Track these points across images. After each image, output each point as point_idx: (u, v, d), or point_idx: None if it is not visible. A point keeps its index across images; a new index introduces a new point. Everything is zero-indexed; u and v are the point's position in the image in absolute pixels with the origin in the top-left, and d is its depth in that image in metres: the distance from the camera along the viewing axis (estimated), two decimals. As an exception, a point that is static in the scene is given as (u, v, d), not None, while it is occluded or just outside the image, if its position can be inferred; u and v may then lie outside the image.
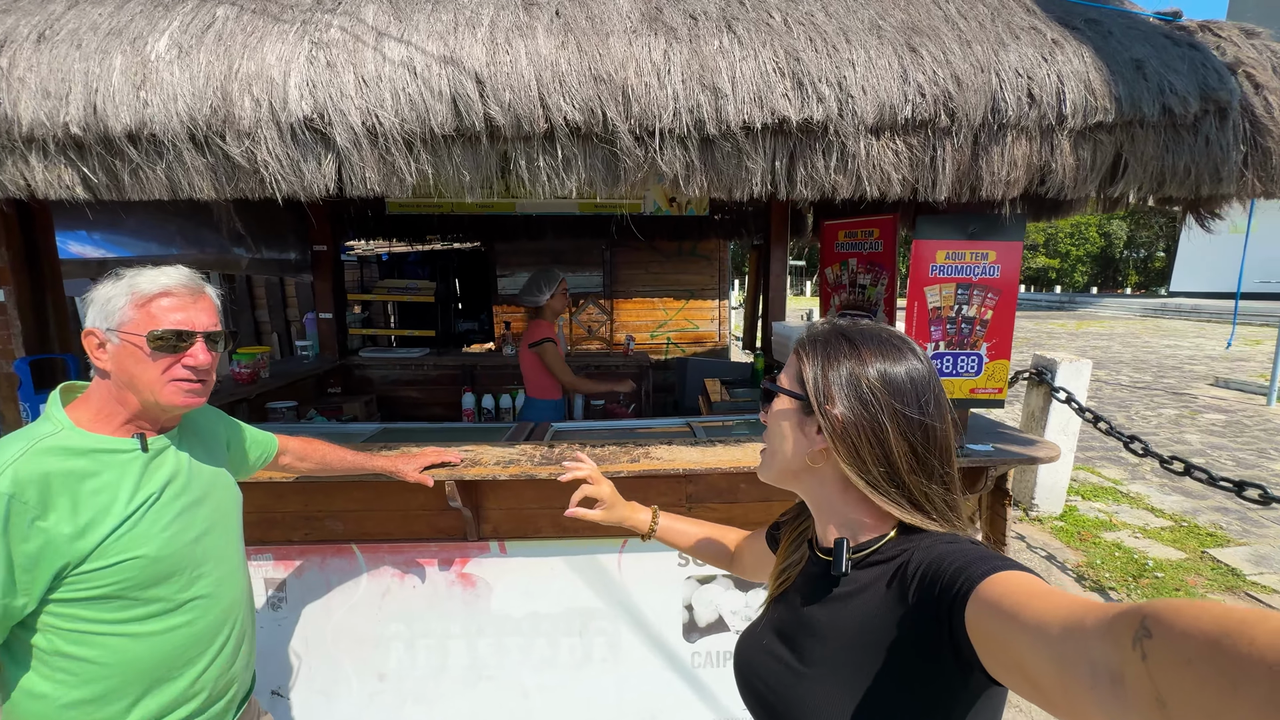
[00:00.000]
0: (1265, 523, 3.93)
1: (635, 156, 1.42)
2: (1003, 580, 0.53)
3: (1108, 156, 1.46)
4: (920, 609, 0.60)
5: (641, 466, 1.83)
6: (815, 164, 1.43)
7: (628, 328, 5.62)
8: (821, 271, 2.64)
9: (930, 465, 0.68)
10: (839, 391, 0.68)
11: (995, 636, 0.50)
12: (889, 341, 0.70)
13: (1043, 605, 0.47)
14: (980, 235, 1.98)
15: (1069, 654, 0.42)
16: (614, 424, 2.91)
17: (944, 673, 0.57)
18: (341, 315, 4.13)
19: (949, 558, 0.60)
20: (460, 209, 4.02)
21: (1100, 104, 1.40)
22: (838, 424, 0.68)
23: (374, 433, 2.75)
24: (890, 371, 0.68)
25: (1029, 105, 1.40)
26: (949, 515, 0.69)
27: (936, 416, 0.68)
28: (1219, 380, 8.11)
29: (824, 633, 0.69)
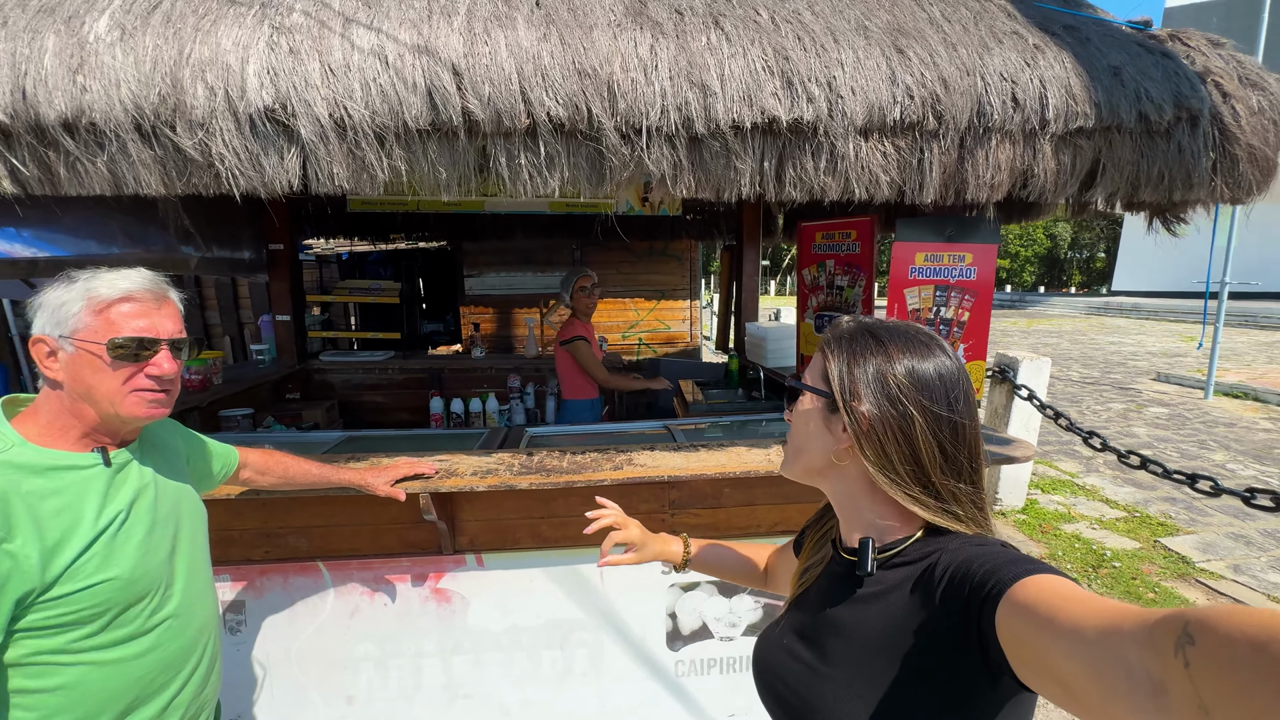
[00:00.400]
0: (1210, 511, 4.14)
1: (621, 155, 1.37)
2: (1035, 584, 0.51)
3: (1086, 161, 1.48)
4: (948, 611, 0.58)
5: (626, 474, 1.78)
6: (804, 165, 1.40)
7: (600, 328, 5.55)
8: (799, 273, 2.64)
9: (959, 464, 0.66)
10: (865, 388, 0.66)
11: (1027, 641, 0.49)
12: (917, 337, 0.69)
13: (1078, 610, 0.45)
14: (957, 238, 2.00)
15: (1106, 660, 0.40)
16: (591, 428, 2.85)
17: (971, 676, 0.56)
18: (300, 317, 3.94)
19: (978, 560, 0.58)
20: (426, 207, 3.89)
21: (1081, 109, 1.41)
22: (864, 421, 0.66)
23: (338, 441, 2.63)
24: (918, 368, 0.66)
25: (1013, 109, 1.41)
26: (977, 516, 0.67)
27: (966, 414, 0.66)
28: (1160, 375, 8.55)
29: (847, 633, 0.68)
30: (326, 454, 2.48)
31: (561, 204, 4.01)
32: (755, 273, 4.19)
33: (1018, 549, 0.62)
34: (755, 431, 2.83)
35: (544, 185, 1.39)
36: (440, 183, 1.37)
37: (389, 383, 4.19)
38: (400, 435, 2.74)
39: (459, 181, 1.38)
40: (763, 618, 2.12)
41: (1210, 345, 7.17)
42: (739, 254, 4.19)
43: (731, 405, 3.27)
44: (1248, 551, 3.61)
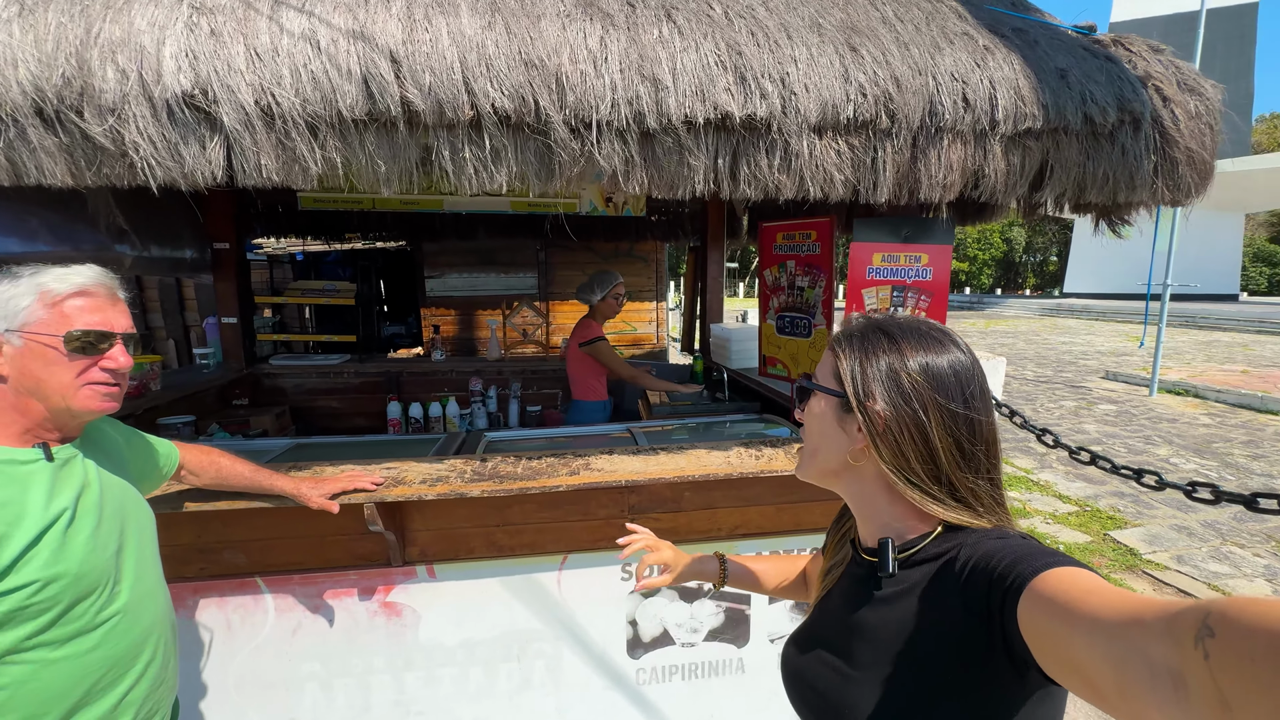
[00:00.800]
0: (1155, 505, 4.30)
1: (571, 149, 1.32)
2: (1056, 577, 0.50)
3: (1035, 162, 1.50)
4: (969, 607, 0.58)
5: (582, 479, 1.73)
6: (759, 162, 1.38)
7: (564, 330, 5.48)
8: (760, 274, 2.63)
9: (976, 460, 0.65)
10: (879, 387, 0.66)
11: (1049, 634, 0.48)
12: (929, 334, 0.68)
13: (1099, 602, 0.45)
14: (914, 238, 2.01)
15: (1127, 654, 0.40)
16: (550, 432, 2.79)
17: (996, 672, 0.55)
18: (248, 319, 3.77)
19: (998, 554, 0.58)
20: (383, 205, 3.77)
21: (1029, 110, 1.43)
22: (879, 420, 0.65)
23: (285, 449, 2.51)
24: (933, 364, 0.65)
25: (964, 109, 1.41)
26: (996, 511, 0.66)
27: (982, 410, 0.66)
28: (1109, 374, 8.90)
29: (871, 635, 0.68)
30: (271, 462, 2.37)
31: (523, 203, 3.94)
32: (720, 274, 4.19)
33: (1038, 541, 0.61)
34: (719, 433, 2.81)
35: (490, 180, 1.33)
36: (380, 176, 1.30)
37: (344, 387, 4.04)
38: (351, 442, 2.63)
39: (400, 176, 1.32)
40: (724, 622, 2.09)
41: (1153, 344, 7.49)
42: (703, 255, 4.18)
43: (696, 407, 3.25)
44: (1190, 542, 3.76)
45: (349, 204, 3.71)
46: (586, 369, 3.24)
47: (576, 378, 3.29)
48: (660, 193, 1.39)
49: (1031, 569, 0.53)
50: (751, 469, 1.83)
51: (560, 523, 1.95)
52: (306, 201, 3.67)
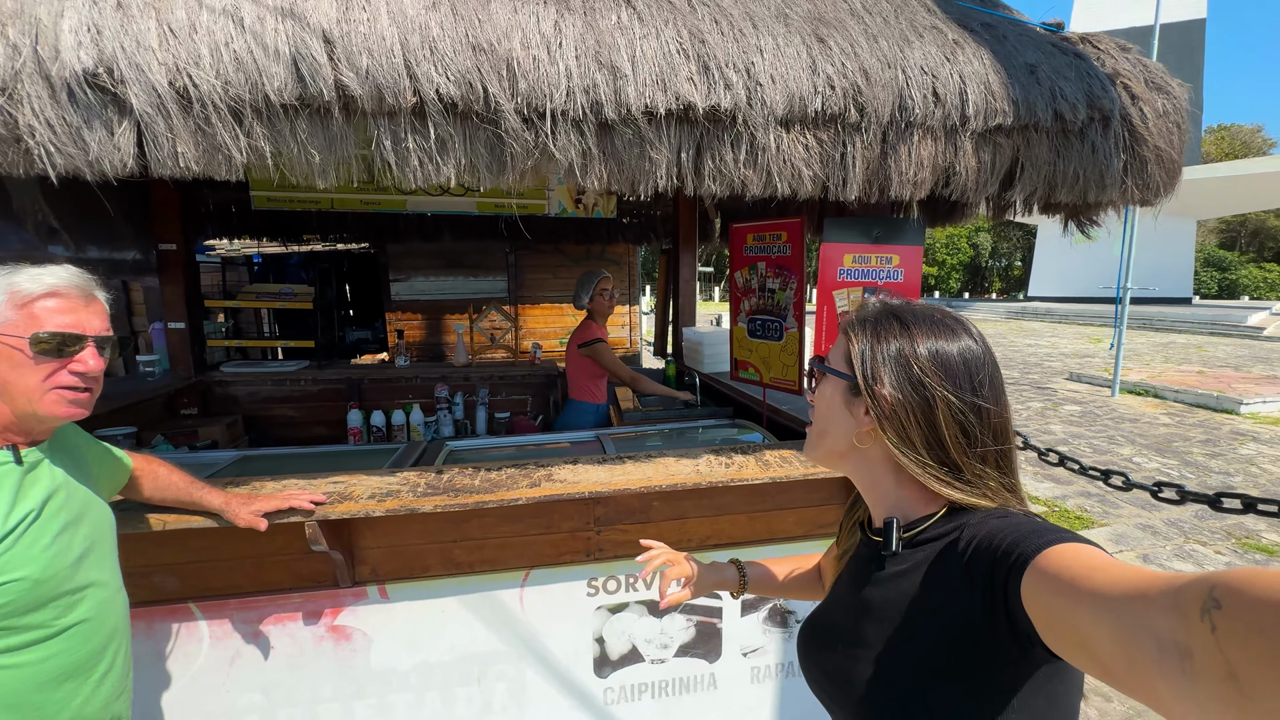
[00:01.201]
0: (1120, 504, 4.37)
1: (524, 140, 1.23)
2: (1060, 553, 0.50)
3: (1006, 160, 1.46)
4: (972, 585, 0.58)
5: (543, 492, 1.63)
6: (724, 156, 1.31)
7: (534, 335, 5.37)
8: (731, 275, 2.57)
9: (983, 446, 0.65)
10: (888, 371, 0.66)
11: (1054, 610, 0.48)
12: (941, 321, 0.69)
13: (1104, 578, 0.45)
14: (884, 239, 1.97)
15: (1132, 627, 0.40)
16: (517, 440, 2.69)
17: (999, 648, 0.55)
18: (197, 324, 3.58)
19: (1001, 532, 0.58)
20: (342, 205, 3.62)
21: (1000, 106, 1.39)
22: (886, 404, 0.66)
23: (231, 461, 2.37)
24: (942, 350, 0.66)
25: (934, 104, 1.37)
26: (1004, 495, 0.66)
27: (990, 398, 0.66)
28: (1073, 375, 9.11)
29: (876, 613, 0.68)
30: (213, 476, 2.22)
31: (490, 204, 3.83)
32: (692, 277, 4.13)
33: (1043, 519, 0.61)
34: (691, 439, 2.74)
35: (436, 173, 1.24)
36: (314, 168, 1.20)
37: (302, 395, 3.87)
38: (303, 453, 2.49)
39: (337, 167, 1.21)
40: (695, 637, 2.01)
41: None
42: (675, 258, 4.12)
43: (668, 411, 3.18)
44: (1155, 541, 3.81)
45: (306, 204, 3.56)
46: (584, 370, 3.22)
47: (574, 378, 3.28)
48: (621, 188, 1.31)
49: (1035, 546, 0.52)
50: (721, 478, 1.76)
51: (522, 537, 1.85)
52: (260, 201, 3.51)
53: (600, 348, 3.15)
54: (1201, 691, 0.34)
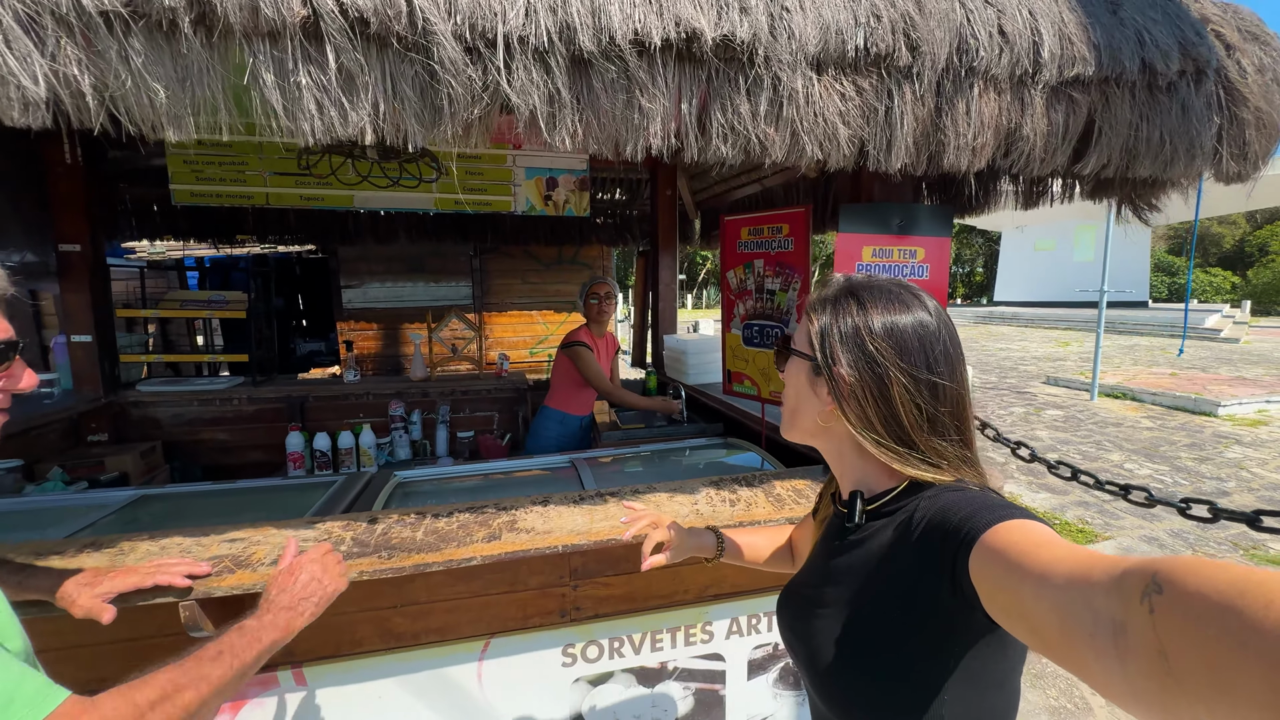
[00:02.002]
0: (1120, 514, 4.19)
1: (466, 79, 0.89)
2: (1008, 529, 0.52)
3: (1080, 121, 1.17)
4: (924, 554, 0.60)
5: (504, 547, 1.28)
6: (738, 107, 0.99)
7: (502, 345, 4.98)
8: (723, 276, 2.26)
9: (940, 423, 0.67)
10: (845, 351, 0.67)
11: (999, 583, 0.50)
12: (898, 295, 0.69)
13: (1049, 555, 0.47)
14: (908, 229, 1.68)
15: (1073, 603, 0.42)
16: (479, 467, 2.31)
17: (946, 615, 0.58)
18: (108, 337, 3.11)
19: (954, 506, 0.60)
20: (279, 202, 3.20)
21: (1078, 52, 1.10)
22: (845, 385, 0.68)
23: (123, 504, 1.95)
24: (897, 327, 0.67)
25: (1001, 47, 1.07)
26: (963, 468, 0.67)
27: (945, 374, 0.67)
28: (1050, 379, 9.09)
29: (840, 578, 0.72)
30: (98, 523, 1.80)
31: (450, 201, 3.45)
32: (673, 280, 3.83)
33: (997, 494, 0.64)
34: (679, 464, 2.41)
35: (343, 122, 0.89)
36: (160, 109, 0.83)
37: (235, 416, 3.41)
38: (216, 490, 2.07)
39: (196, 108, 0.85)
40: (694, 707, 1.67)
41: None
42: (654, 260, 3.80)
43: (650, 430, 2.85)
44: (1162, 555, 3.61)
45: (236, 199, 3.13)
46: (564, 374, 3.02)
47: (553, 383, 3.10)
48: (601, 146, 0.98)
49: (985, 521, 0.54)
50: (727, 519, 1.43)
51: (480, 597, 1.49)
52: (182, 196, 3.07)
53: (580, 351, 2.91)
54: (1130, 667, 0.36)
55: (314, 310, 6.59)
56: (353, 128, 0.89)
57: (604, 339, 3.12)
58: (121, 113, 0.83)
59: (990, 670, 0.61)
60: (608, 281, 3.04)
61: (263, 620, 0.90)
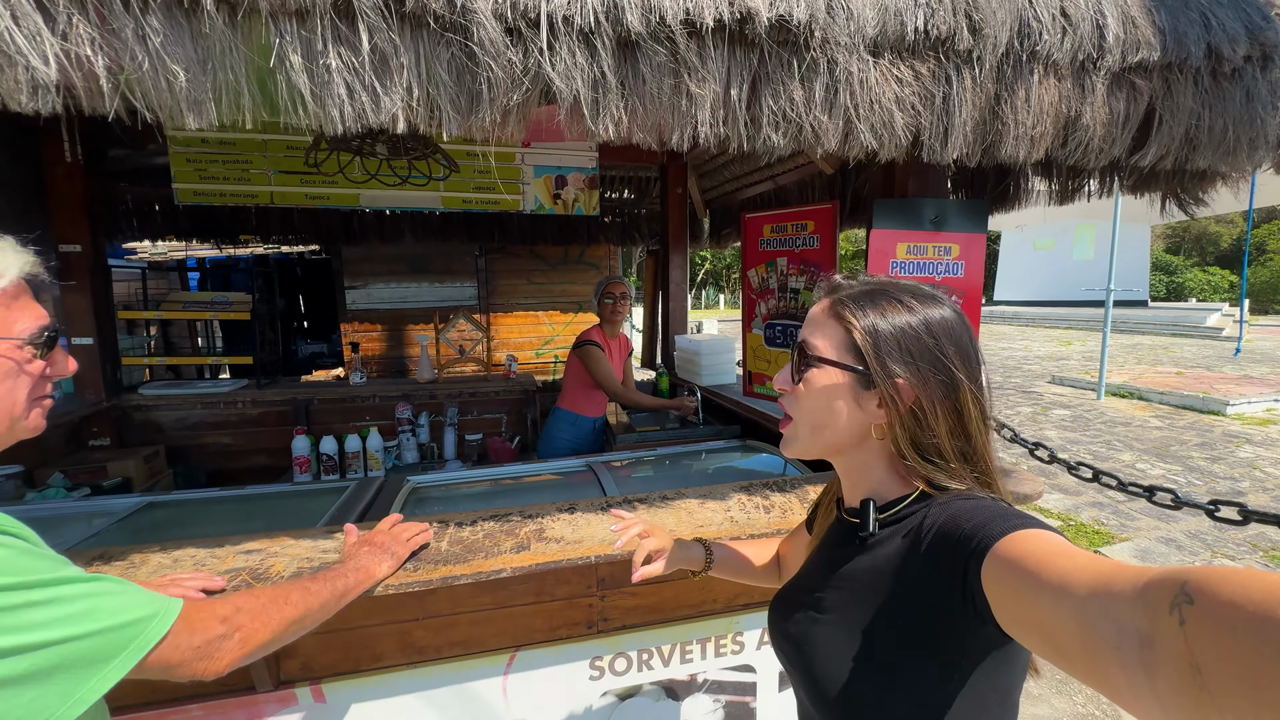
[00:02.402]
0: (1135, 515, 4.14)
1: (506, 61, 0.83)
2: (1023, 539, 0.51)
3: (1140, 110, 1.11)
4: (933, 563, 0.59)
5: (534, 559, 1.22)
6: (791, 93, 0.93)
7: (508, 345, 4.92)
8: (744, 274, 2.20)
9: (988, 424, 0.66)
10: (903, 358, 0.63)
11: (1014, 594, 0.49)
12: (932, 296, 0.66)
13: (1068, 565, 0.45)
14: (943, 224, 1.63)
15: (1095, 615, 0.40)
16: (493, 472, 2.25)
17: (954, 625, 0.56)
18: (109, 339, 3.05)
19: (965, 514, 0.58)
20: (284, 201, 3.13)
21: (1143, 35, 1.04)
22: (908, 395, 0.63)
23: (131, 510, 1.88)
24: (952, 332, 0.64)
25: (1064, 29, 1.01)
26: (991, 478, 0.66)
27: (981, 374, 0.66)
28: (1055, 378, 9.05)
29: (843, 584, 0.70)
30: (100, 534, 1.74)
31: (456, 199, 3.39)
32: (683, 279, 3.77)
33: (1007, 503, 0.61)
34: (697, 469, 2.35)
35: (375, 109, 0.83)
36: (179, 94, 0.77)
37: (239, 419, 3.35)
38: (224, 497, 2.01)
39: (216, 92, 0.79)
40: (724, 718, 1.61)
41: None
42: (664, 259, 3.75)
43: (666, 433, 2.79)
44: (1181, 556, 3.57)
45: (240, 198, 3.07)
46: (575, 375, 2.96)
47: (564, 384, 3.05)
48: (645, 135, 0.92)
49: (998, 530, 0.53)
50: (763, 527, 1.37)
51: (505, 609, 1.43)
52: (185, 195, 3.01)
53: (591, 350, 2.85)
54: (1160, 682, 0.35)
55: (315, 312, 6.53)
56: (385, 114, 0.83)
57: (617, 340, 3.06)
58: (137, 97, 0.77)
59: (996, 684, 0.60)
60: (623, 281, 2.99)
61: (348, 565, 1.07)
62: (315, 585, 0.97)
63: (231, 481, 3.49)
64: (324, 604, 0.96)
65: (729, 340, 3.16)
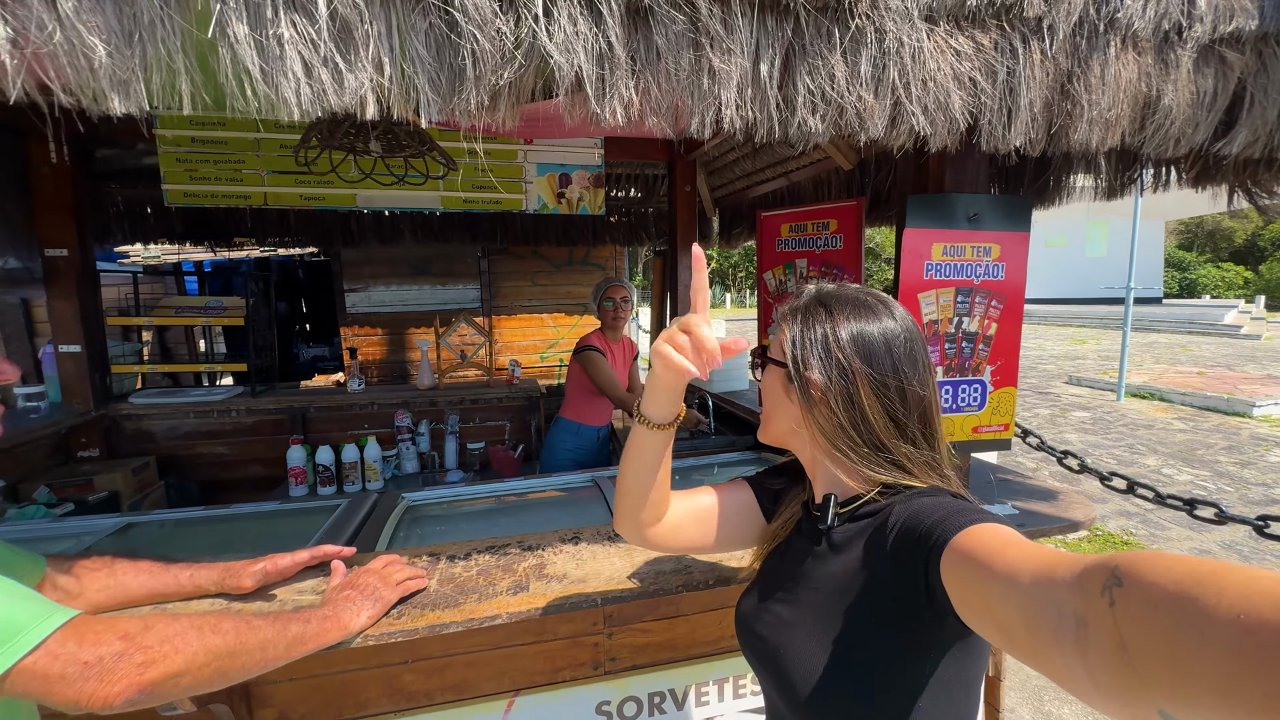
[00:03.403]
0: (1165, 524, 3.97)
1: (494, 31, 0.70)
2: (978, 532, 0.53)
3: (1229, 89, 0.96)
4: (898, 559, 0.61)
5: (532, 601, 1.09)
6: (832, 68, 0.79)
7: (512, 349, 4.80)
8: (759, 277, 2.06)
9: (907, 428, 0.69)
10: (814, 357, 0.69)
11: (969, 584, 0.51)
12: (865, 302, 0.71)
13: (1016, 554, 0.48)
14: (982, 222, 1.48)
15: (1038, 600, 0.43)
16: (493, 488, 2.12)
17: (920, 619, 0.59)
18: (99, 347, 2.94)
19: (926, 511, 0.61)
20: (278, 202, 3.02)
21: (1239, 1, 0.89)
22: (816, 390, 0.69)
23: (109, 531, 1.78)
24: (863, 333, 0.68)
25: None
26: (930, 473, 0.69)
27: (912, 378, 0.68)
28: (1072, 379, 8.84)
29: (812, 583, 0.71)
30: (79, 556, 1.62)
31: (457, 199, 3.26)
32: (692, 281, 3.62)
33: (967, 499, 0.65)
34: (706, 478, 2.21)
35: (337, 88, 0.70)
36: (101, 71, 0.64)
37: (233, 428, 3.24)
38: (208, 517, 1.88)
39: (147, 70, 0.66)
40: (744, 767, 1.47)
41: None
42: (672, 259, 3.61)
43: (676, 443, 2.64)
44: (1217, 569, 3.39)
45: (232, 199, 2.95)
46: (576, 382, 2.85)
47: (566, 392, 2.94)
48: (660, 119, 0.78)
49: (955, 525, 0.55)
50: (788, 561, 1.23)
51: (502, 649, 1.30)
52: (175, 196, 2.89)
53: (591, 355, 2.72)
54: (1092, 659, 0.37)
55: (319, 314, 6.44)
56: (349, 95, 0.69)
57: (620, 344, 2.93)
58: (51, 77, 0.64)
59: (961, 675, 0.63)
60: (624, 285, 2.85)
61: (317, 611, 0.93)
62: (260, 620, 0.83)
63: (226, 492, 3.38)
64: (265, 643, 0.81)
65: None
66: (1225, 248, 40.78)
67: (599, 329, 2.89)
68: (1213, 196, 1.44)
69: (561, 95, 0.75)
